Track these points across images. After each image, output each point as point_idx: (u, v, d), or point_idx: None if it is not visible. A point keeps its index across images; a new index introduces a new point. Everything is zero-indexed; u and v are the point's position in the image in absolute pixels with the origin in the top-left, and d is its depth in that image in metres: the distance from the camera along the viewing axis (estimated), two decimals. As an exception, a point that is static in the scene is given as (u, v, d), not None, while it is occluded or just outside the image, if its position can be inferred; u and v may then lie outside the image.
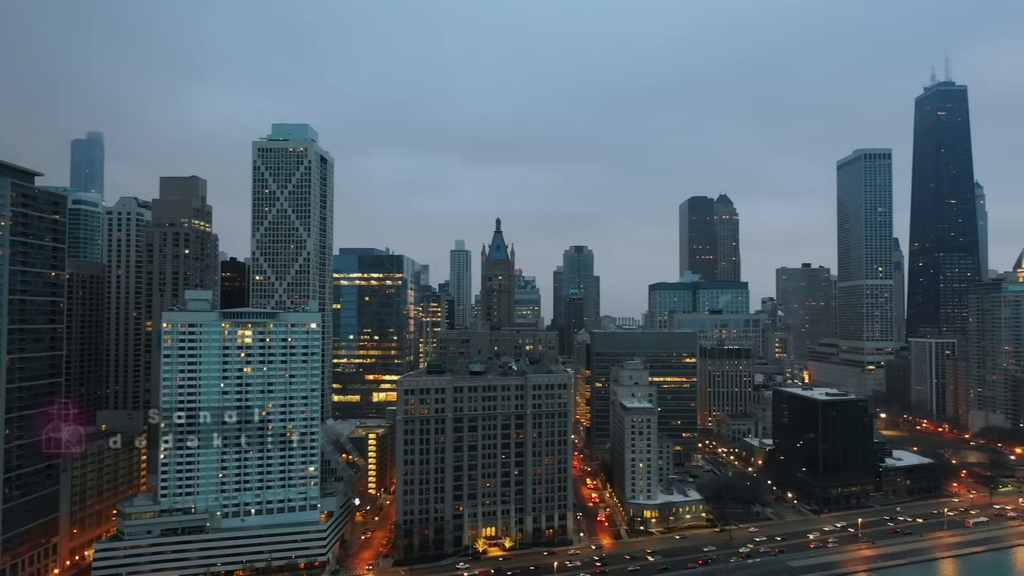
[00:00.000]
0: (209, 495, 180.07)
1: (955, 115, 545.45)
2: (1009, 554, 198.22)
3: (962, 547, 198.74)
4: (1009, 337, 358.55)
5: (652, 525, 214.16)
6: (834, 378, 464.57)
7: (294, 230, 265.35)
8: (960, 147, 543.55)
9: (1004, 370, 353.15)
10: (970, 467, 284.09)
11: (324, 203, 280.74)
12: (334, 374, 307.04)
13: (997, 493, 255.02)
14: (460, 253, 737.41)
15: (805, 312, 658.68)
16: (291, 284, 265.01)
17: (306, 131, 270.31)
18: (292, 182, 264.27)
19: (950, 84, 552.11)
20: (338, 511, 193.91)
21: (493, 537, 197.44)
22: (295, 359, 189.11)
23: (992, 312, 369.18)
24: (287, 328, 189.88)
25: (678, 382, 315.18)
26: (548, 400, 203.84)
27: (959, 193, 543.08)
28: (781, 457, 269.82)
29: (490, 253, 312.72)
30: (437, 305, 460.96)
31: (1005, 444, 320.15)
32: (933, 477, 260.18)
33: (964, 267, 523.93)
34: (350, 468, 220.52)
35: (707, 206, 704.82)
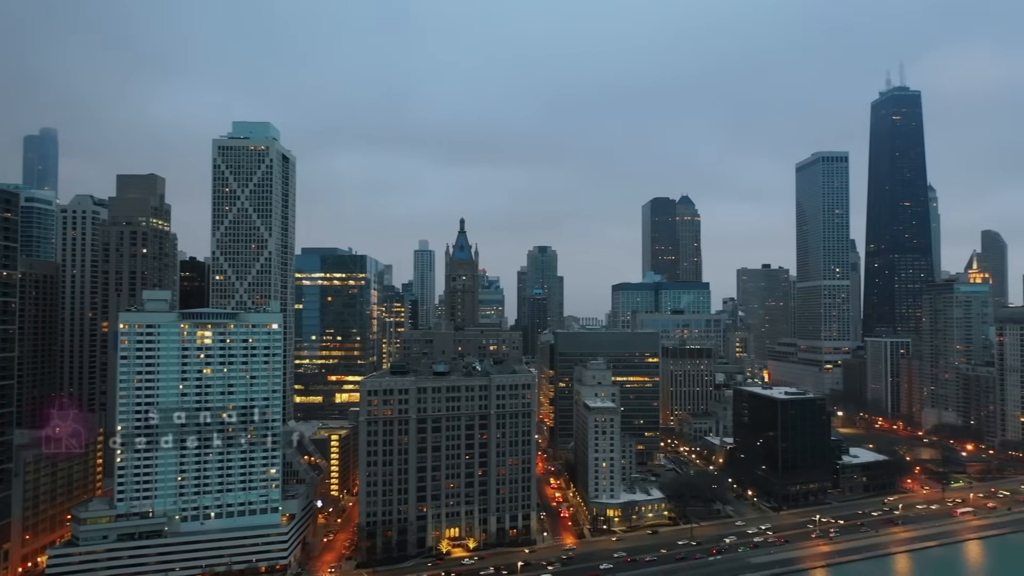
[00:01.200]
0: (167, 499, 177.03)
1: (909, 119, 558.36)
2: (960, 548, 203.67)
3: (916, 542, 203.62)
4: (960, 336, 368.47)
5: (615, 524, 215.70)
6: (793, 377, 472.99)
7: (255, 229, 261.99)
8: (914, 151, 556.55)
9: (956, 369, 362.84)
10: (923, 463, 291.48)
11: (286, 202, 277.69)
12: (296, 375, 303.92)
13: (949, 489, 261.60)
14: (424, 253, 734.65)
15: (765, 312, 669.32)
16: (252, 284, 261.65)
17: (268, 129, 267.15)
18: (253, 181, 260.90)
19: (904, 89, 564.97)
20: (300, 513, 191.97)
21: (457, 538, 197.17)
22: (256, 360, 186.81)
23: (944, 312, 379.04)
24: (248, 329, 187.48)
25: (641, 382, 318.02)
26: (512, 400, 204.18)
27: (913, 196, 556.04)
28: (741, 455, 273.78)
29: (454, 253, 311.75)
30: (401, 305, 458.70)
31: (956, 441, 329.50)
32: (888, 474, 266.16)
33: (918, 268, 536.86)
34: (312, 470, 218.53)
35: (669, 207, 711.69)
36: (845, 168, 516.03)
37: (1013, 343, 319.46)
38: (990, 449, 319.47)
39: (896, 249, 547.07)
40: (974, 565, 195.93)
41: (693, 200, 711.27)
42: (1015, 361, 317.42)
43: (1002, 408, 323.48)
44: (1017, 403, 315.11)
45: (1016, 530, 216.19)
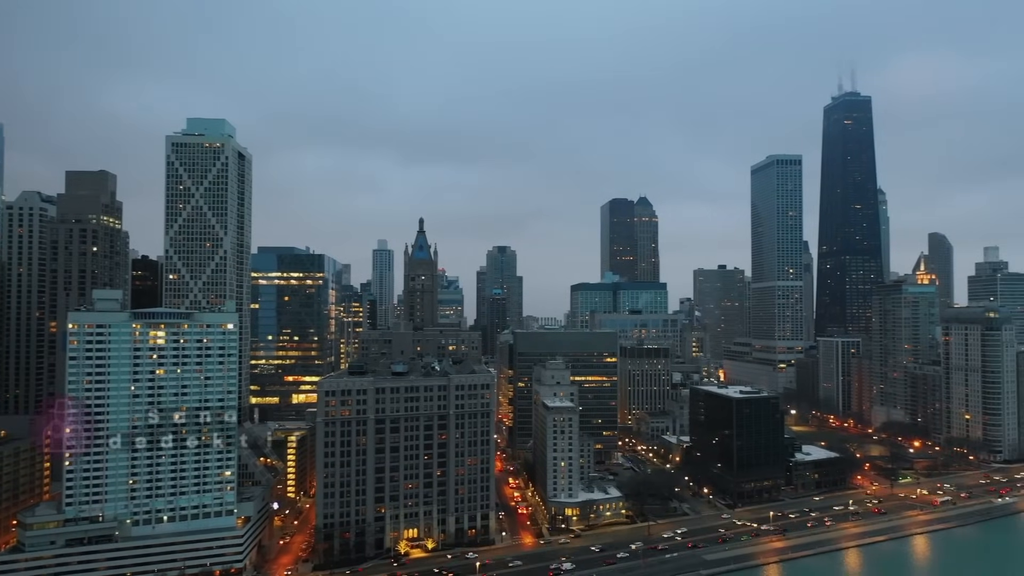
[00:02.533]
0: (118, 502, 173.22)
1: (860, 124, 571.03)
2: (908, 542, 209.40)
3: (865, 537, 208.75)
4: (908, 336, 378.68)
5: (573, 523, 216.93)
6: (748, 376, 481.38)
7: (210, 228, 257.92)
8: (865, 155, 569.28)
9: (904, 367, 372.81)
10: (873, 460, 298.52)
11: (242, 200, 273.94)
12: (252, 375, 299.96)
13: (897, 484, 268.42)
14: (382, 253, 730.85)
15: (721, 312, 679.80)
16: (207, 283, 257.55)
17: (223, 126, 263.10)
18: (208, 178, 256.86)
19: (856, 95, 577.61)
20: (256, 516, 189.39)
21: (415, 539, 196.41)
22: (211, 361, 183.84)
23: (893, 312, 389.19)
24: (202, 329, 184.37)
25: (599, 381, 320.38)
26: (471, 400, 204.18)
27: (864, 199, 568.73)
28: (698, 454, 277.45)
29: (413, 253, 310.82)
30: (359, 305, 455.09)
31: (904, 438, 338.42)
32: (839, 470, 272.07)
33: (868, 269, 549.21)
34: (268, 472, 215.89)
35: (628, 208, 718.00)
36: (798, 171, 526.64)
37: (958, 343, 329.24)
38: (936, 446, 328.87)
39: (847, 251, 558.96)
40: (921, 559, 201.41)
41: (652, 201, 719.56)
42: (960, 360, 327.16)
43: (947, 406, 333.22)
44: (962, 401, 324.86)
45: (961, 524, 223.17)
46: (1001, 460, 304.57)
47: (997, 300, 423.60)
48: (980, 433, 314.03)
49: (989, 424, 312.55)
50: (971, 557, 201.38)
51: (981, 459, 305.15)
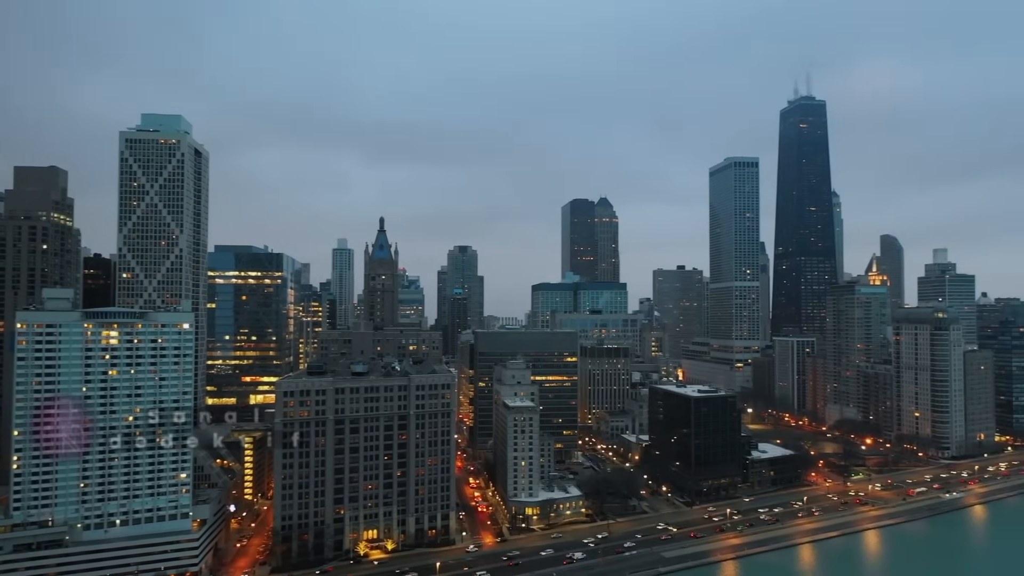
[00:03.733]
0: (68, 506, 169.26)
1: (815, 128, 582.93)
2: (860, 538, 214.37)
3: (819, 533, 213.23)
4: (861, 336, 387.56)
5: (533, 522, 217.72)
6: (706, 375, 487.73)
7: (165, 226, 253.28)
8: (819, 157, 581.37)
9: (856, 366, 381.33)
10: (826, 457, 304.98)
11: (198, 198, 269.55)
12: (208, 376, 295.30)
13: (850, 481, 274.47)
14: (342, 252, 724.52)
15: (679, 312, 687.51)
16: (162, 282, 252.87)
17: (179, 122, 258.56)
18: (163, 175, 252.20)
19: (811, 99, 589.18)
20: (212, 518, 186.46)
21: (375, 540, 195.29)
22: (166, 361, 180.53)
23: (847, 312, 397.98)
24: (157, 328, 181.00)
25: (559, 381, 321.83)
26: (431, 400, 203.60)
27: (818, 201, 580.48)
28: (656, 452, 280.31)
29: (373, 252, 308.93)
30: (318, 305, 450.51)
31: (857, 435, 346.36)
32: (794, 468, 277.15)
33: (822, 270, 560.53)
34: (225, 473, 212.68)
35: (588, 208, 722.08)
36: (755, 173, 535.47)
37: (908, 342, 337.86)
38: (887, 443, 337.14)
39: (802, 252, 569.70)
40: (872, 554, 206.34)
41: (614, 202, 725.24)
42: (910, 359, 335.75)
43: (898, 404, 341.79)
44: (912, 399, 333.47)
45: (910, 519, 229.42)
46: (949, 456, 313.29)
47: (945, 300, 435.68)
48: (929, 430, 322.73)
49: (937, 421, 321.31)
50: (920, 552, 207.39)
51: (930, 455, 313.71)
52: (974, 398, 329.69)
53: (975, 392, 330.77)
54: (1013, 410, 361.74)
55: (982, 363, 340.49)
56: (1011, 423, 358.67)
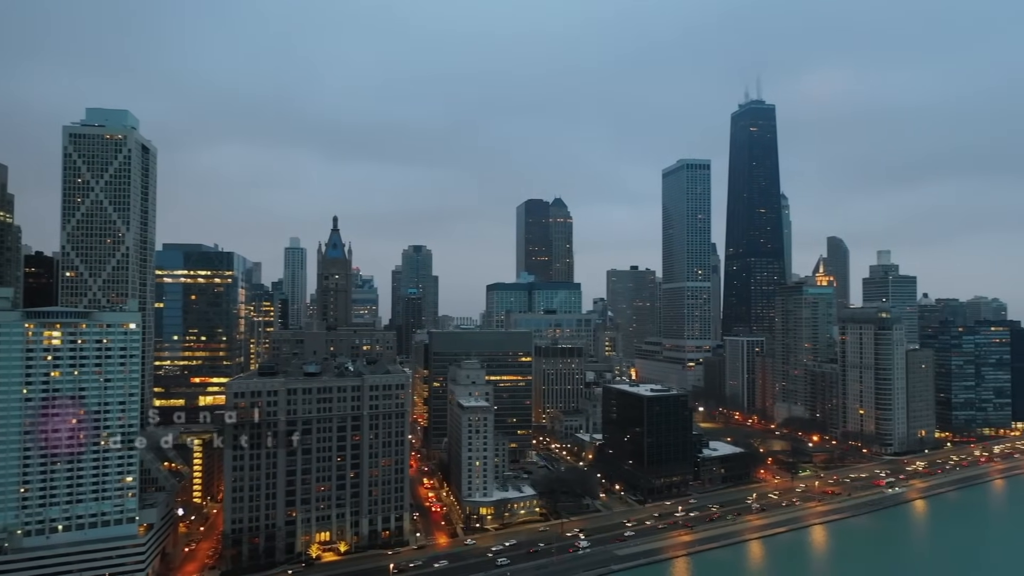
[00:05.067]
0: (8, 512, 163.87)
1: (765, 131, 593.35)
2: (807, 533, 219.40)
3: (768, 529, 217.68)
4: (808, 335, 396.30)
5: (488, 522, 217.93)
6: (658, 374, 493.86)
7: (111, 223, 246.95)
8: (769, 160, 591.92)
9: (804, 365, 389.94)
10: (775, 455, 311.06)
11: (146, 195, 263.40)
12: (156, 377, 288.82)
13: (798, 478, 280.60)
14: (295, 251, 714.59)
15: (633, 312, 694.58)
16: (107, 281, 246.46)
17: (125, 117, 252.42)
18: (109, 172, 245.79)
19: (761, 103, 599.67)
20: (159, 523, 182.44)
21: (327, 542, 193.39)
22: (111, 362, 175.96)
23: (794, 313, 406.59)
24: (102, 329, 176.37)
25: (514, 380, 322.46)
26: (385, 401, 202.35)
27: (768, 203, 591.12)
28: (610, 451, 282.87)
29: (327, 251, 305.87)
30: (270, 304, 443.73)
31: (804, 433, 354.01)
32: (744, 465, 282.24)
33: (771, 271, 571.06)
34: (173, 477, 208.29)
35: (543, 209, 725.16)
36: (707, 175, 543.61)
37: (853, 341, 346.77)
38: (833, 440, 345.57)
39: (752, 253, 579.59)
40: (818, 547, 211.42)
41: (571, 202, 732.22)
42: (855, 358, 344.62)
43: (844, 402, 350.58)
44: (856, 397, 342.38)
45: (855, 514, 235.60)
46: (892, 453, 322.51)
47: (888, 301, 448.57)
48: (873, 427, 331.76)
49: (881, 419, 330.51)
50: (863, 544, 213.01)
51: (874, 452, 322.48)
52: (916, 396, 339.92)
53: (916, 390, 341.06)
54: (952, 407, 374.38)
55: (923, 362, 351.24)
56: (950, 420, 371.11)
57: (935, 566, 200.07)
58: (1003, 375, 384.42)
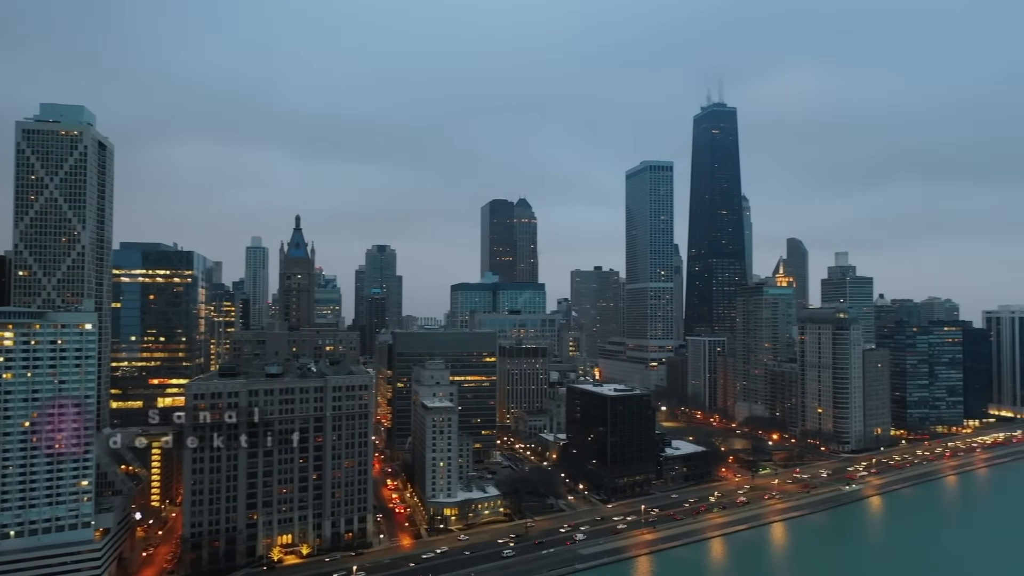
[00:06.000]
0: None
1: (726, 134, 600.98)
2: (767, 530, 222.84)
3: (729, 526, 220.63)
4: (768, 335, 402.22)
5: (452, 523, 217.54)
6: (622, 374, 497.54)
7: (66, 221, 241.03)
8: (731, 163, 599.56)
9: (764, 365, 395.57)
10: (736, 453, 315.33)
11: (103, 193, 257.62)
12: (113, 379, 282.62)
13: (758, 476, 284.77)
14: (256, 250, 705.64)
15: (596, 312, 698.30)
16: (62, 281, 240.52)
17: (82, 113, 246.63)
18: (64, 168, 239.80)
19: (722, 106, 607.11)
20: (116, 527, 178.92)
21: (290, 545, 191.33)
22: (66, 363, 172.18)
23: (755, 313, 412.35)
24: (57, 329, 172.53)
25: (478, 381, 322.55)
26: (349, 402, 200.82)
27: (729, 205, 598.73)
28: (574, 450, 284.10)
29: (289, 251, 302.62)
30: (231, 304, 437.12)
31: (764, 431, 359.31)
32: (706, 464, 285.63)
33: (733, 272, 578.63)
34: (130, 480, 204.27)
35: (507, 209, 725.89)
36: (670, 177, 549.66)
37: (812, 341, 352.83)
38: (792, 438, 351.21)
39: (714, 254, 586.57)
40: (778, 544, 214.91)
41: (537, 203, 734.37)
42: (814, 357, 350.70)
43: (802, 400, 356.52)
44: (815, 396, 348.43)
45: (814, 511, 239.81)
46: (849, 450, 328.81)
47: (846, 301, 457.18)
48: (831, 425, 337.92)
49: (839, 417, 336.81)
50: (822, 541, 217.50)
51: (831, 450, 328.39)
52: (872, 394, 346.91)
53: (873, 389, 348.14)
54: (907, 405, 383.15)
55: (879, 361, 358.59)
56: (905, 418, 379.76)
57: (891, 561, 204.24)
58: (955, 374, 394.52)
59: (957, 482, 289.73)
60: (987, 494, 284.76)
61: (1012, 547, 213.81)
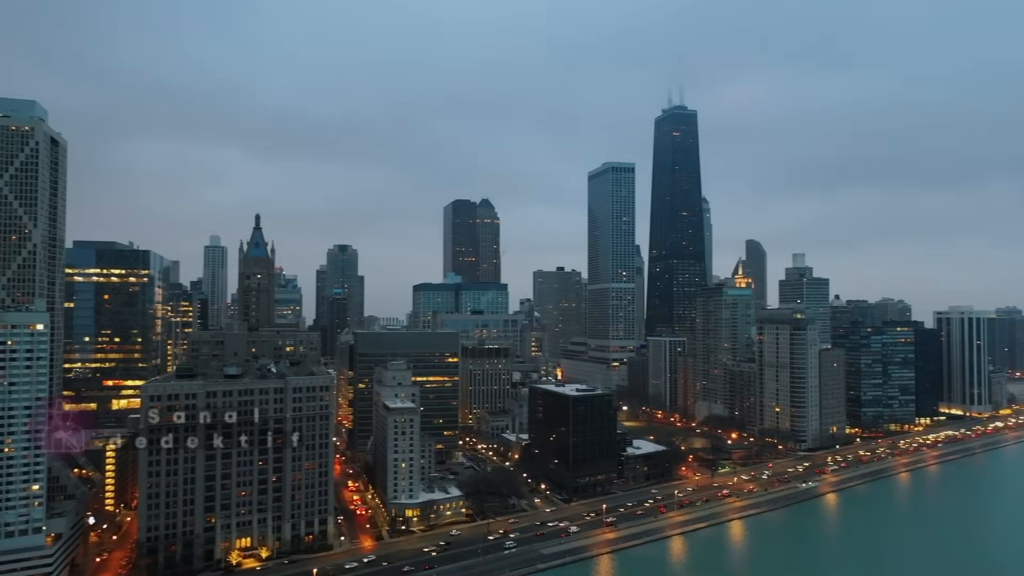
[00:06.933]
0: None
1: (687, 136, 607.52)
2: (726, 528, 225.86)
3: (688, 525, 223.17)
4: (728, 336, 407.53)
5: (414, 524, 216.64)
6: (584, 374, 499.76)
7: (16, 219, 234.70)
8: (691, 165, 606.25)
9: (723, 365, 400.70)
10: (696, 452, 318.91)
11: (55, 190, 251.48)
12: (66, 380, 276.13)
13: (717, 474, 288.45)
14: (215, 249, 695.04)
15: (559, 312, 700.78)
16: (12, 280, 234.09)
17: (33, 108, 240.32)
18: (14, 165, 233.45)
19: (683, 108, 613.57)
20: (68, 532, 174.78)
21: (248, 548, 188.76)
22: (16, 365, 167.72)
23: (715, 313, 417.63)
24: (6, 330, 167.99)
25: (441, 381, 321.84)
26: (309, 403, 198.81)
27: (690, 206, 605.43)
28: (536, 451, 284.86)
29: (248, 250, 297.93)
30: (188, 304, 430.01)
31: (724, 430, 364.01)
32: (666, 463, 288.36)
33: (693, 273, 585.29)
34: (84, 484, 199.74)
35: (470, 209, 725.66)
36: (631, 178, 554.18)
37: (770, 341, 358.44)
38: (751, 437, 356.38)
39: (675, 255, 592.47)
40: (736, 541, 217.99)
41: (497, 204, 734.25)
42: (772, 357, 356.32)
43: (761, 400, 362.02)
44: (773, 395, 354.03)
45: (771, 508, 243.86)
46: (805, 449, 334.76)
47: (803, 302, 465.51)
48: (788, 424, 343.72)
49: (796, 416, 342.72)
50: (779, 537, 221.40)
51: (789, 448, 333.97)
52: (828, 393, 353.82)
53: (828, 388, 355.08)
54: (861, 404, 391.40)
55: (835, 361, 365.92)
56: (859, 416, 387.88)
57: (846, 555, 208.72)
58: (908, 373, 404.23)
59: (909, 479, 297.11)
60: (937, 490, 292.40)
61: (960, 541, 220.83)
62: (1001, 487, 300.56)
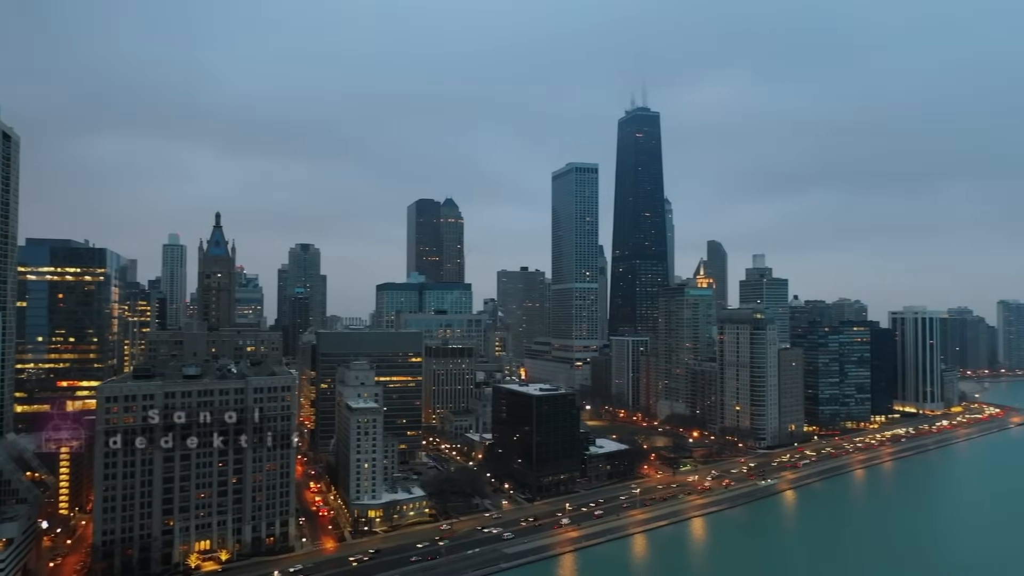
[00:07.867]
0: None
1: (650, 138, 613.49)
2: (687, 525, 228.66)
3: (650, 522, 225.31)
4: (689, 335, 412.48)
5: (376, 524, 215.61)
6: (547, 374, 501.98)
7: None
8: (654, 166, 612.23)
9: (685, 364, 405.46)
10: (658, 451, 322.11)
11: (7, 186, 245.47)
12: (18, 381, 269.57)
13: (679, 472, 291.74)
14: (174, 248, 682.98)
15: (523, 312, 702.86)
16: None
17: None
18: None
19: (646, 110, 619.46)
20: (20, 537, 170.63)
21: (208, 551, 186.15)
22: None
23: (677, 313, 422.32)
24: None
25: (404, 381, 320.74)
26: (271, 403, 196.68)
27: (653, 207, 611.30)
28: (500, 450, 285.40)
29: (208, 249, 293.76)
30: (146, 304, 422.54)
31: (685, 429, 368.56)
32: (629, 461, 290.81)
33: (656, 273, 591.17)
34: (36, 487, 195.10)
35: (434, 209, 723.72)
36: (595, 179, 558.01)
37: (731, 341, 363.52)
38: (712, 435, 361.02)
39: (638, 255, 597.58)
40: (697, 539, 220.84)
41: (461, 203, 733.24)
42: (732, 356, 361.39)
43: (721, 398, 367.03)
44: (733, 394, 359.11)
45: (732, 506, 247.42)
46: (765, 446, 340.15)
47: (763, 302, 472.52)
48: (748, 422, 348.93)
49: (755, 414, 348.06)
50: (739, 534, 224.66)
51: (748, 446, 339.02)
52: (786, 392, 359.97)
53: (787, 387, 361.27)
54: (819, 402, 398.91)
55: (793, 360, 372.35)
56: (817, 414, 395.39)
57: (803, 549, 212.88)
58: (863, 372, 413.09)
59: (865, 475, 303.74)
60: (891, 486, 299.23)
61: (913, 535, 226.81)
62: (953, 483, 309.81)
